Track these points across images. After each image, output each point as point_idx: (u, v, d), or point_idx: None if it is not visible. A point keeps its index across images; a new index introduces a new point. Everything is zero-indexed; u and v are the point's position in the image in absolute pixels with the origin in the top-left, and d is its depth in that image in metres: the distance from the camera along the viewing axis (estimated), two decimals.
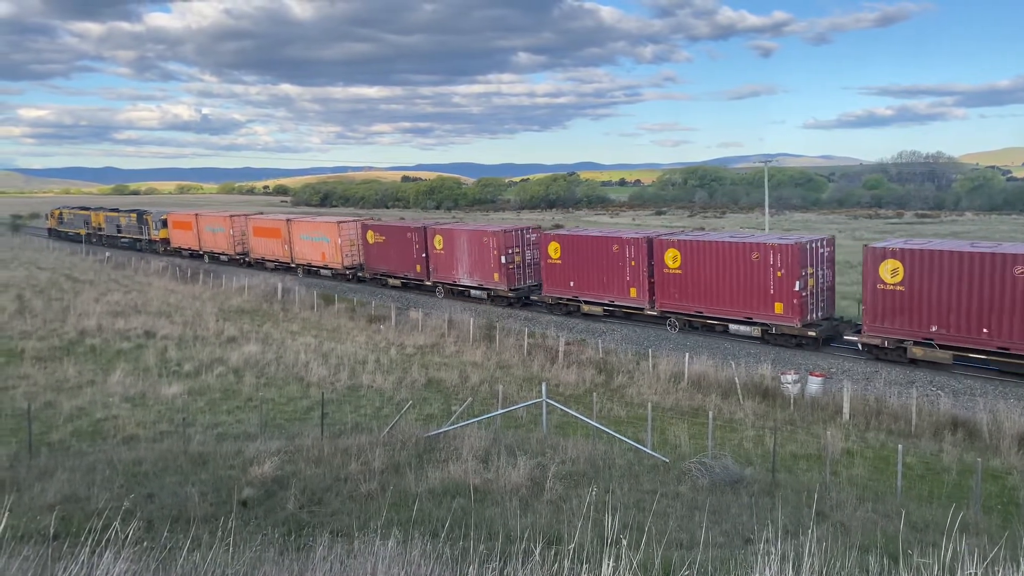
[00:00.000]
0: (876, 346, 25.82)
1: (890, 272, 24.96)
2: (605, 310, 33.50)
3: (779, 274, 27.44)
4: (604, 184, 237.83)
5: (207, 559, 5.93)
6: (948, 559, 4.88)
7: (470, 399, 19.05)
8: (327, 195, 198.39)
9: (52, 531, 8.35)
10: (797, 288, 27.13)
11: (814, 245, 27.87)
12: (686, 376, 23.40)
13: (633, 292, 32.00)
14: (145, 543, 6.95)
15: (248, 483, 11.49)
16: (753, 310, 28.41)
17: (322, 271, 49.99)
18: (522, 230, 39.03)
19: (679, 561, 6.62)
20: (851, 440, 18.19)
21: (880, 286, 25.15)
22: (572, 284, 34.27)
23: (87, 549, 5.17)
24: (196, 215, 64.27)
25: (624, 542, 5.01)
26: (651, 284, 31.43)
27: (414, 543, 6.54)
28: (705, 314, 29.99)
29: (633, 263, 31.75)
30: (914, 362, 24.99)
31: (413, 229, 43.34)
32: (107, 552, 5.22)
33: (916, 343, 24.68)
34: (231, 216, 60.35)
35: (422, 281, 42.67)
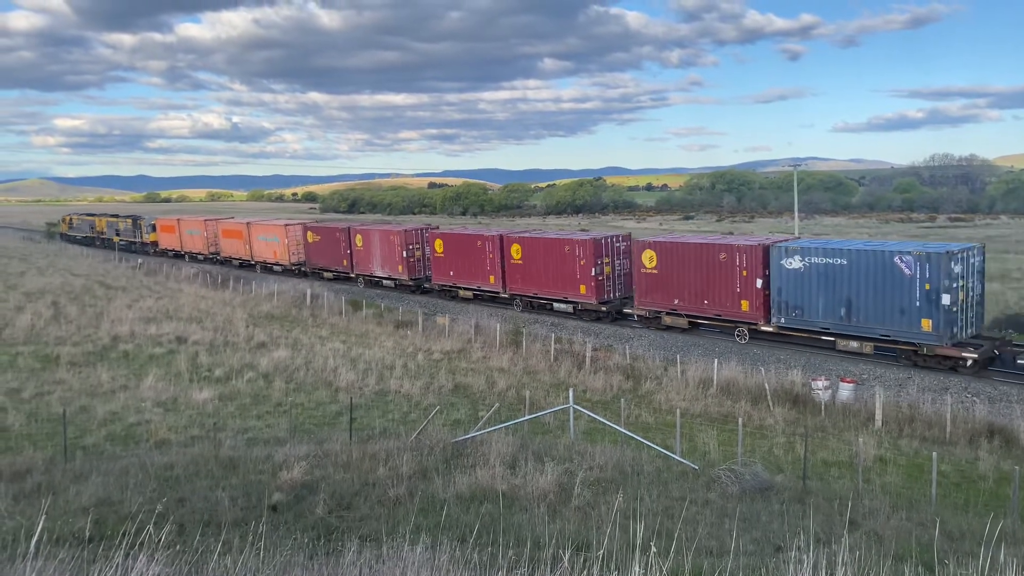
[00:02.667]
0: (643, 316, 33.26)
1: (648, 259, 32.49)
2: (475, 294, 41.19)
3: (582, 263, 34.87)
4: (631, 189, 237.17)
5: (238, 563, 5.98)
6: (987, 569, 4.78)
7: (497, 405, 19.05)
8: (355, 202, 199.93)
9: (87, 534, 8.47)
10: (594, 274, 34.61)
11: (611, 240, 35.66)
12: (715, 382, 23.21)
13: (492, 279, 39.65)
14: (177, 547, 7.02)
15: (278, 488, 11.57)
16: (567, 292, 35.90)
17: (274, 267, 57.36)
18: (421, 230, 46.30)
19: (709, 569, 6.56)
20: (884, 447, 17.92)
21: (643, 270, 32.73)
22: (452, 274, 42.15)
23: (121, 552, 5.25)
24: (178, 220, 71.91)
25: (653, 549, 4.98)
26: (503, 273, 38.87)
27: (442, 548, 6.55)
28: (539, 295, 37.46)
29: (491, 256, 39.26)
30: (669, 328, 32.51)
31: (340, 230, 51.06)
32: (141, 555, 5.28)
33: (667, 313, 32.19)
34: (205, 220, 67.56)
35: (348, 273, 50.30)
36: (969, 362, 24.35)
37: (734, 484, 12.13)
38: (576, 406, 15.23)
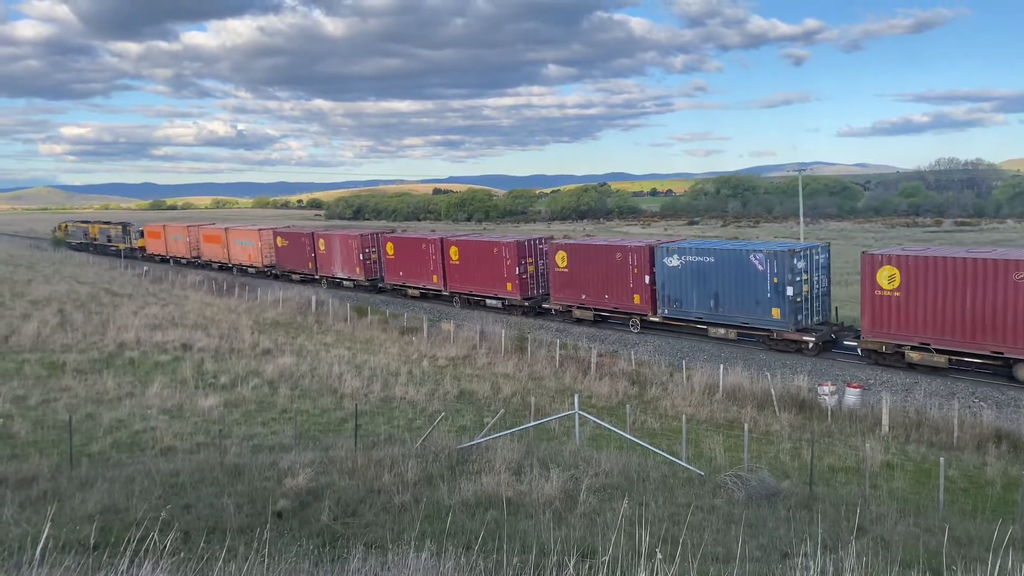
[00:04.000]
0: (558, 310, 37.07)
1: (560, 259, 36.34)
2: (421, 292, 45.27)
3: (508, 263, 38.67)
4: (635, 195, 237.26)
5: (243, 570, 5.98)
6: (995, 575, 4.75)
7: (502, 411, 19.03)
8: (359, 208, 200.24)
9: (92, 541, 8.48)
10: (518, 273, 38.46)
11: (534, 243, 39.50)
12: (721, 388, 23.15)
13: (435, 279, 43.71)
14: (182, 554, 7.02)
15: (283, 495, 11.56)
16: (497, 289, 39.63)
17: (249, 269, 61.34)
18: (377, 234, 50.52)
19: (715, 575, 6.53)
20: (891, 453, 17.84)
21: (556, 269, 36.56)
22: (402, 274, 46.45)
23: (126, 559, 5.24)
24: (164, 227, 76.41)
25: (659, 556, 4.96)
26: (444, 273, 42.85)
27: (448, 555, 6.54)
28: (474, 293, 41.16)
29: (434, 258, 43.23)
30: (580, 321, 36.08)
31: (305, 235, 55.24)
32: (146, 562, 5.29)
33: (577, 307, 35.89)
34: (187, 227, 72.02)
35: (313, 275, 54.17)
36: (810, 345, 28.29)
37: (740, 490, 12.09)
38: (581, 412, 15.20)
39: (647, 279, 32.77)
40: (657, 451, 14.40)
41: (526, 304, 38.66)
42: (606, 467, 13.22)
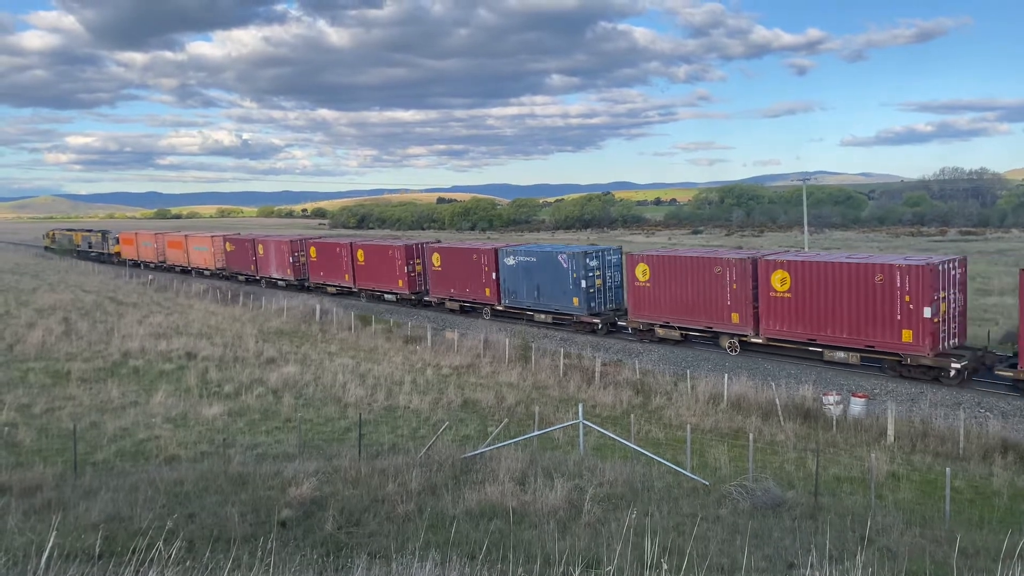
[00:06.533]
0: (436, 302, 43.77)
1: (436, 260, 43.11)
2: (337, 289, 52.26)
3: (399, 263, 45.70)
4: (639, 204, 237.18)
5: None
6: None
7: (506, 420, 19.01)
8: (364, 217, 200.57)
9: (97, 550, 8.47)
10: (407, 271, 45.23)
11: (421, 246, 45.81)
12: (725, 397, 23.09)
13: (347, 278, 50.73)
14: (187, 563, 7.01)
15: (287, 504, 11.55)
16: (392, 286, 46.85)
17: (205, 272, 67.29)
18: (302, 240, 56.94)
19: None
20: (896, 463, 17.76)
21: (433, 268, 43.34)
22: (323, 275, 53.12)
23: (131, 569, 5.25)
24: (136, 234, 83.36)
25: (664, 566, 4.95)
26: (354, 273, 49.96)
27: (452, 565, 6.52)
28: (376, 289, 48.40)
29: (346, 260, 50.33)
30: (451, 311, 43.07)
31: (248, 241, 61.57)
32: (151, 572, 5.28)
33: (449, 299, 42.68)
34: (155, 234, 79.69)
35: (254, 276, 60.62)
36: (599, 326, 35.11)
37: (745, 500, 12.04)
38: (586, 421, 15.17)
39: (494, 276, 39.64)
40: (662, 461, 14.35)
41: (413, 298, 45.89)
42: (610, 477, 13.18)
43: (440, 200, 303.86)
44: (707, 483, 13.26)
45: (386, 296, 47.89)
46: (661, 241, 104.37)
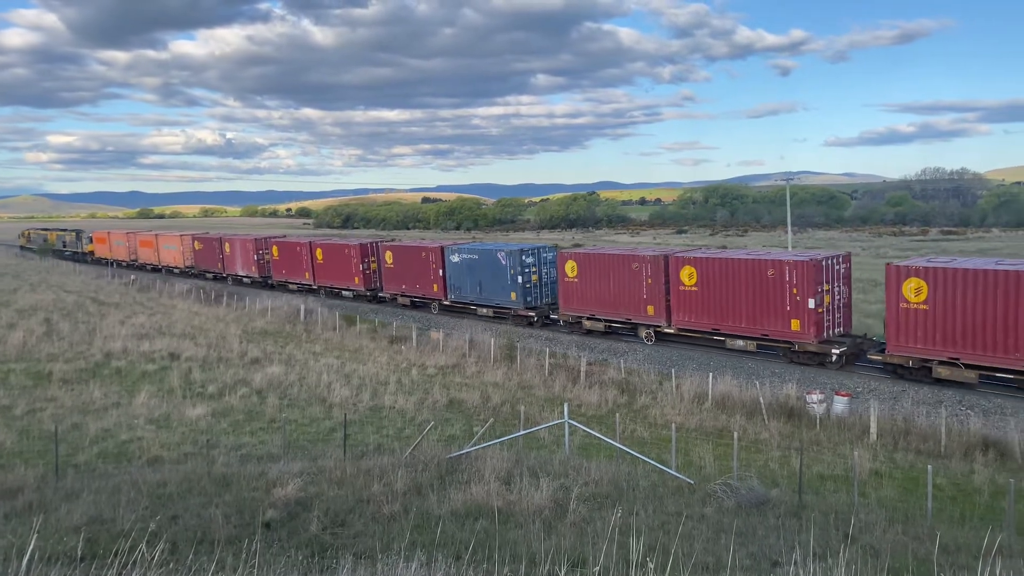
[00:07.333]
0: (389, 298, 46.42)
1: (388, 258, 45.75)
2: (297, 287, 54.52)
3: (354, 262, 47.90)
4: (624, 203, 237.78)
5: None
6: None
7: (492, 420, 19.00)
8: (348, 217, 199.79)
9: (79, 553, 8.40)
10: (362, 269, 47.48)
11: (376, 245, 48.00)
12: (710, 396, 23.19)
13: (307, 275, 52.76)
14: (170, 565, 6.97)
15: (271, 505, 11.50)
16: (349, 283, 48.77)
17: (175, 270, 69.26)
18: (267, 239, 58.87)
19: None
20: (879, 461, 17.90)
21: (385, 266, 45.91)
22: (284, 272, 55.36)
23: (114, 571, 5.20)
24: (108, 233, 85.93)
25: (650, 565, 4.96)
26: (314, 270, 51.96)
27: (437, 565, 6.51)
28: (334, 286, 50.39)
29: (307, 258, 52.54)
30: (403, 306, 45.20)
31: (215, 239, 63.43)
32: (133, 574, 5.24)
33: (401, 295, 45.17)
34: (127, 233, 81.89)
35: (221, 273, 62.52)
36: (535, 318, 37.24)
37: (730, 498, 12.10)
38: (571, 421, 15.19)
39: (441, 272, 41.84)
40: (647, 460, 14.40)
41: (368, 294, 47.90)
42: (596, 476, 13.21)
43: (425, 200, 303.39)
44: (692, 482, 13.31)
45: (343, 292, 49.82)
46: (647, 240, 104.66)
